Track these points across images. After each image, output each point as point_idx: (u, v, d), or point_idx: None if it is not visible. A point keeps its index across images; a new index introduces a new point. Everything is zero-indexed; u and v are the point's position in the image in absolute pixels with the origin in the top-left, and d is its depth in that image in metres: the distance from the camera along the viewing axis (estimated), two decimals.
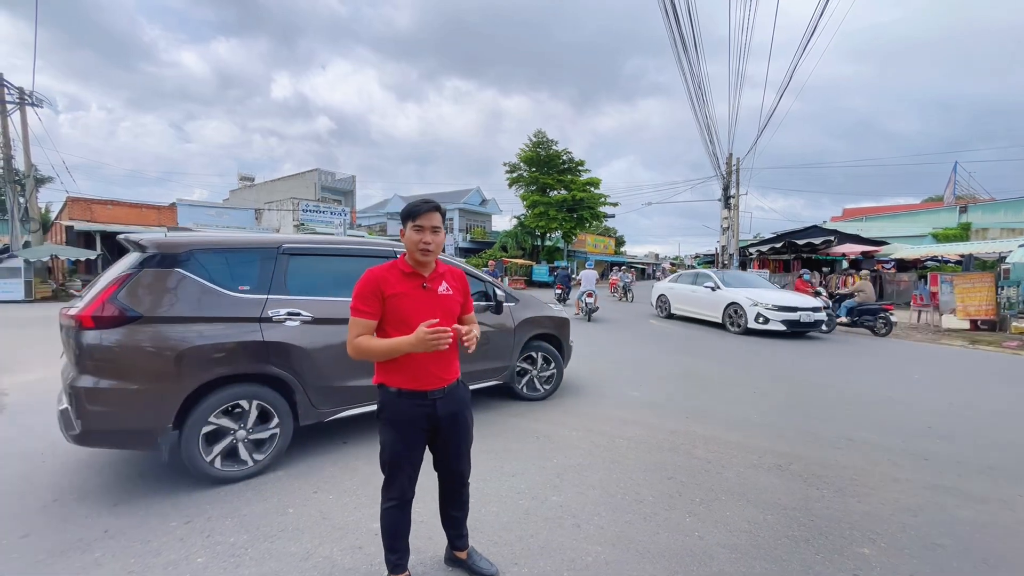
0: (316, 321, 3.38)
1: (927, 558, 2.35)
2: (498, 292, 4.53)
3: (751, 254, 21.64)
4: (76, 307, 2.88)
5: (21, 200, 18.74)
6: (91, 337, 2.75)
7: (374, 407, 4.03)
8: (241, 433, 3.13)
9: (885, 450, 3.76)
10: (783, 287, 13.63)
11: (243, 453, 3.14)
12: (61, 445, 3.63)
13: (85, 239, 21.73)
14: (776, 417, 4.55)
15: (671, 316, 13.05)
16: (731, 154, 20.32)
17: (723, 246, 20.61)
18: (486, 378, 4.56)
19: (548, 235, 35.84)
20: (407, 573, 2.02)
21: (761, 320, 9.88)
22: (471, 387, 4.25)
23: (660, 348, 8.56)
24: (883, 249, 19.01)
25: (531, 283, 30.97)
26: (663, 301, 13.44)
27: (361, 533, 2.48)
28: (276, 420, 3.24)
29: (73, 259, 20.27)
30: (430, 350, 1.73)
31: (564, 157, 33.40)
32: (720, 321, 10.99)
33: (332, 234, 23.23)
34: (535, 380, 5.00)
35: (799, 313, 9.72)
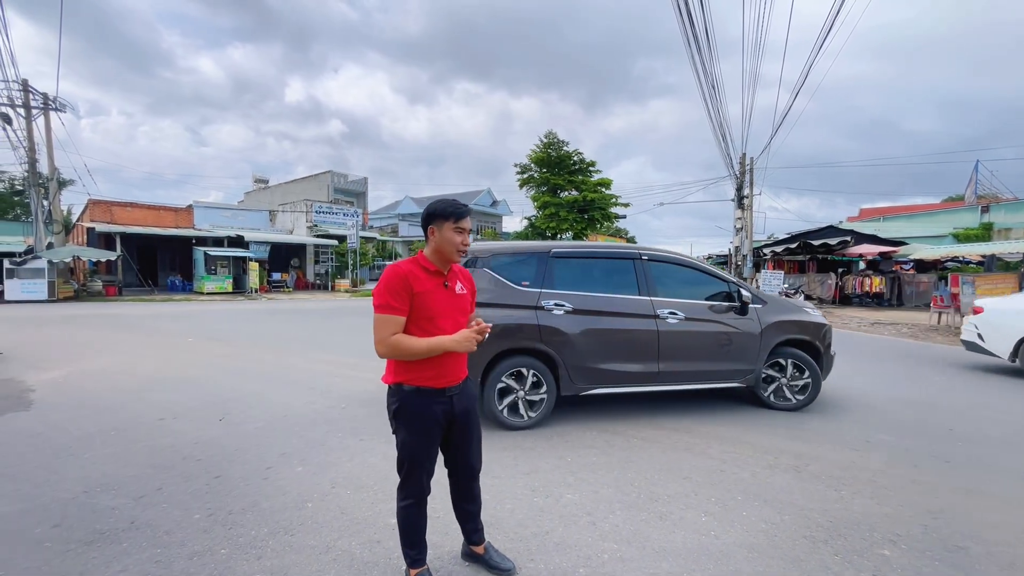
0: (576, 311, 4.18)
1: (950, 561, 2.32)
2: (743, 293, 4.51)
3: (765, 255, 21.38)
4: None
5: (45, 203, 19.25)
6: None
7: (623, 389, 4.32)
8: (520, 393, 4.09)
9: (905, 451, 3.70)
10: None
11: (522, 409, 4.10)
12: (88, 440, 3.74)
13: (106, 240, 22.24)
14: (792, 417, 4.50)
15: None
16: (744, 154, 20.11)
17: (736, 247, 20.40)
18: (725, 379, 4.56)
19: (559, 236, 35.79)
20: (426, 567, 2.04)
21: None
22: (707, 386, 4.59)
23: None
24: (902, 250, 18.64)
25: None
26: None
27: (379, 528, 2.51)
28: (545, 387, 4.11)
29: (94, 260, 20.80)
30: (471, 351, 1.84)
31: (575, 158, 33.30)
32: None
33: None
34: (784, 388, 4.70)
35: None
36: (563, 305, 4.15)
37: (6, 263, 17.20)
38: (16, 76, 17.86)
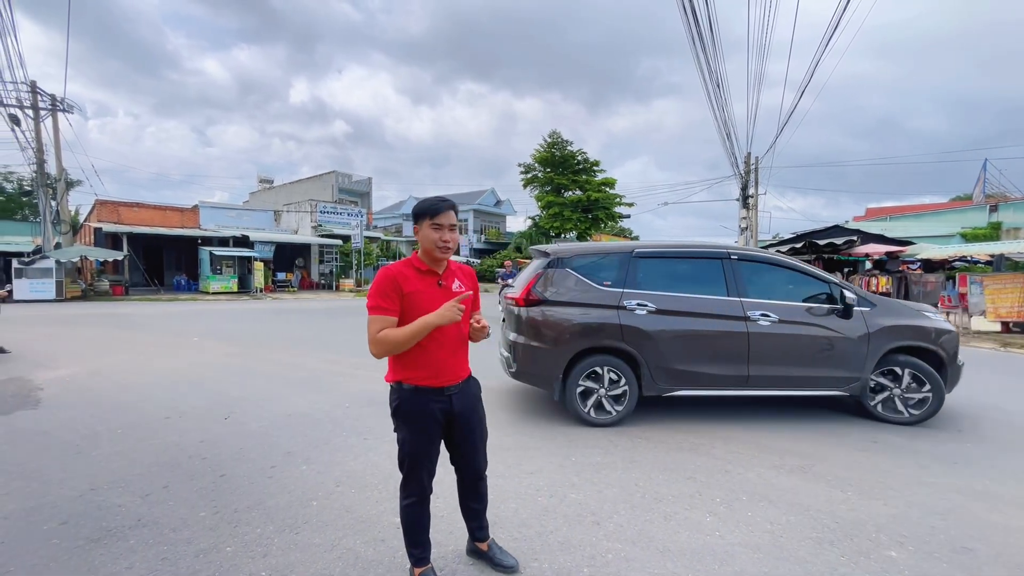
0: (659, 311, 4.18)
1: (957, 562, 2.30)
2: (847, 294, 4.21)
3: None
4: (514, 292, 4.46)
5: (53, 203, 19.43)
6: (521, 312, 4.26)
7: (709, 392, 4.26)
8: (602, 391, 4.14)
9: (912, 452, 3.67)
10: None
11: (608, 405, 4.15)
12: (95, 438, 3.77)
13: (112, 240, 22.41)
14: (798, 418, 4.47)
15: None
16: (749, 153, 20.01)
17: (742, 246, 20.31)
18: (825, 386, 4.31)
19: (563, 236, 35.75)
20: (430, 566, 2.05)
21: None
22: (804, 393, 4.38)
23: None
24: (909, 249, 18.46)
25: None
26: None
27: (383, 526, 2.52)
28: (625, 384, 4.14)
29: (101, 260, 20.96)
30: (455, 320, 1.80)
31: (579, 157, 33.25)
32: None
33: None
34: (897, 400, 4.29)
35: None
36: (646, 305, 4.15)
37: (15, 263, 17.36)
38: (24, 78, 18.07)
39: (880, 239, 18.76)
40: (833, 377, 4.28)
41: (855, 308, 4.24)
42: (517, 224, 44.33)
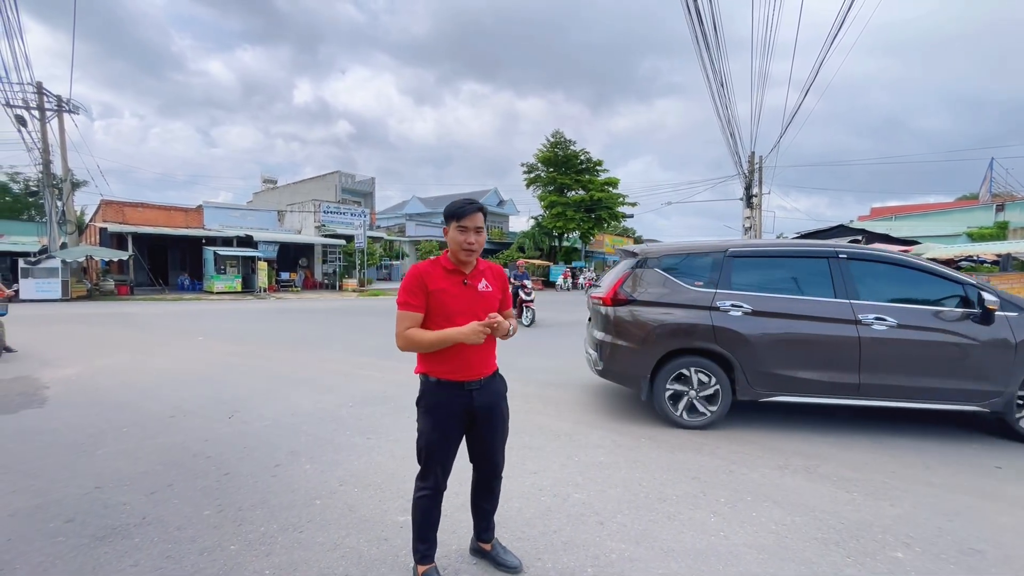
0: (755, 313, 4.02)
1: (965, 564, 2.28)
2: (987, 297, 3.74)
3: None
4: (600, 292, 4.50)
5: (59, 203, 19.56)
6: (608, 311, 4.30)
7: (812, 399, 4.08)
8: (692, 393, 4.07)
9: (919, 452, 3.64)
10: None
11: (700, 407, 4.07)
12: (100, 436, 3.79)
13: (118, 240, 22.52)
14: (802, 418, 4.45)
15: None
16: (753, 152, 19.94)
17: None
18: (956, 400, 3.87)
19: (566, 235, 35.71)
20: (433, 565, 2.05)
21: None
22: (927, 406, 3.95)
23: None
24: (914, 249, 18.37)
25: (549, 284, 30.92)
26: None
27: (387, 525, 2.52)
28: (716, 384, 4.04)
29: (107, 260, 21.08)
30: (478, 343, 1.84)
31: (582, 157, 33.23)
32: None
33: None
34: None
35: None
36: (741, 306, 4.01)
37: (21, 263, 17.49)
38: (31, 79, 18.17)
39: (885, 239, 18.69)
40: (966, 390, 3.83)
41: (997, 313, 3.77)
42: (520, 224, 44.40)
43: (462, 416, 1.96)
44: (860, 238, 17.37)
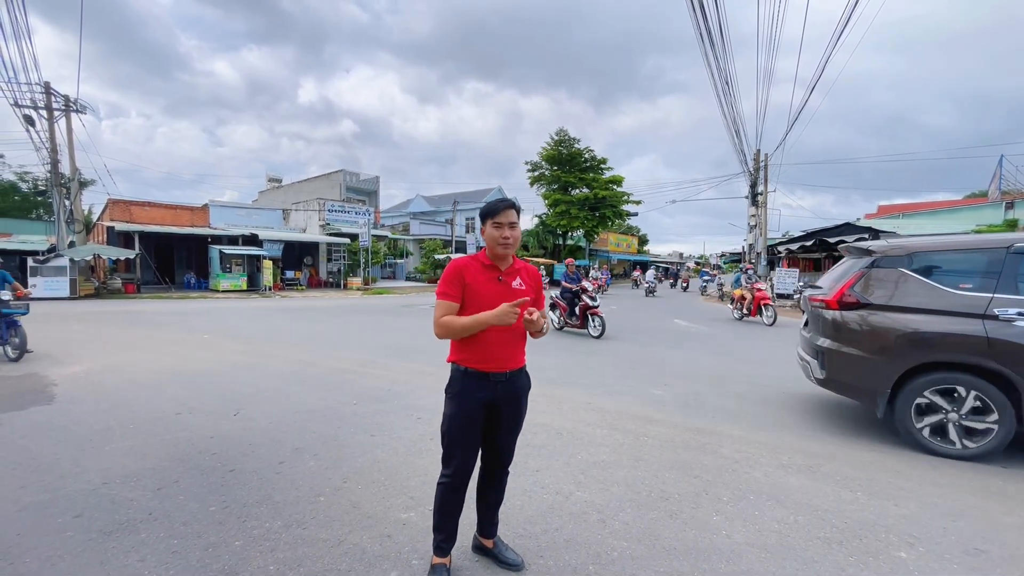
0: None
1: (969, 564, 2.26)
2: None
3: (780, 252, 21.06)
4: (823, 295, 4.10)
5: (67, 202, 19.71)
6: (834, 315, 3.94)
7: None
8: (953, 416, 3.49)
9: (924, 452, 3.62)
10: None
11: (952, 434, 3.50)
12: (108, 433, 3.83)
13: (125, 239, 22.69)
14: (805, 417, 4.43)
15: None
16: (759, 150, 19.82)
17: (750, 244, 20.13)
18: None
19: (570, 234, 35.66)
20: (448, 559, 2.10)
21: None
22: None
23: (684, 347, 8.44)
24: None
25: (554, 282, 30.92)
26: None
27: (390, 522, 2.54)
28: (995, 416, 3.36)
29: (114, 258, 21.23)
30: (509, 323, 1.88)
31: (586, 155, 33.17)
32: None
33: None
34: None
35: None
36: None
37: (30, 261, 17.66)
38: (39, 79, 18.32)
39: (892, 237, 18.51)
40: None
41: None
42: (524, 222, 44.26)
43: (485, 405, 2.02)
44: (867, 236, 17.21)
